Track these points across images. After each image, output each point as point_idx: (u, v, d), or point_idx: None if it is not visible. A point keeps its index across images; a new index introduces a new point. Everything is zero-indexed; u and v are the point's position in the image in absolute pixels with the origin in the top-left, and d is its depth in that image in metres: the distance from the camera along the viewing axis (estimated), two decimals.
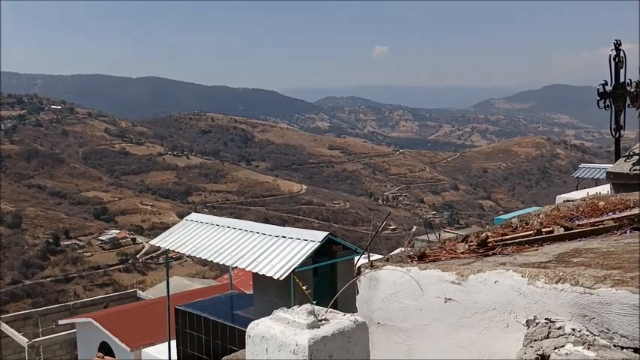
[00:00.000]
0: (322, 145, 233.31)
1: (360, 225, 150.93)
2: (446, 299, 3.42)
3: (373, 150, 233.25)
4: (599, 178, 27.38)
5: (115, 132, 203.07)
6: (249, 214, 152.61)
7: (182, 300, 16.61)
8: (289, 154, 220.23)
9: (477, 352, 3.30)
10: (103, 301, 29.00)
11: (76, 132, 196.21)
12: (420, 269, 3.63)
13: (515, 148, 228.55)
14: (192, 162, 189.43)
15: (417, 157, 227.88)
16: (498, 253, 3.99)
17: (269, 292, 12.60)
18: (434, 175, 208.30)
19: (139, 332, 18.82)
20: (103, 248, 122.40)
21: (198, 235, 14.34)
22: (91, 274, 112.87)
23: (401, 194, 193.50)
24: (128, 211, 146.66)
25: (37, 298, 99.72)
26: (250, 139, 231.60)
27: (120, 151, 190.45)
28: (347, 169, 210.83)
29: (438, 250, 4.34)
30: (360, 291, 3.98)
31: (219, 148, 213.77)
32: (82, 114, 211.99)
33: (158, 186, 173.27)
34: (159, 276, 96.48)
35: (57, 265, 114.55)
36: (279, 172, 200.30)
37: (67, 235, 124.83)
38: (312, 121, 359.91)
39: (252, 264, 12.28)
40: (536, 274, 3.10)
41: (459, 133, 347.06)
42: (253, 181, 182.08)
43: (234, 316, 14.27)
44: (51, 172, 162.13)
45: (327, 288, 12.55)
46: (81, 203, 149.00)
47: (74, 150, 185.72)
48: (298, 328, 2.82)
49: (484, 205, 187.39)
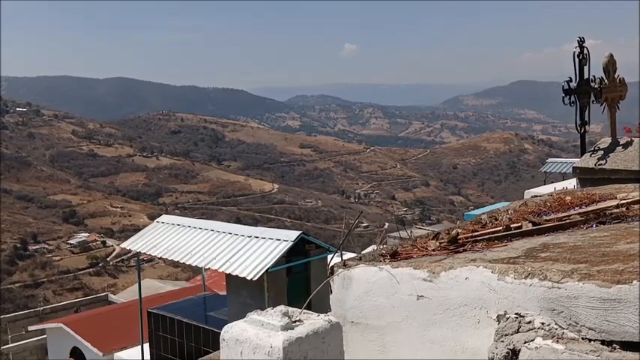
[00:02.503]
0: (293, 143, 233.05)
1: (332, 223, 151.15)
2: (418, 296, 3.46)
3: (344, 148, 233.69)
4: (566, 172, 27.89)
5: (83, 134, 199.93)
6: (221, 215, 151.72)
7: (154, 303, 16.46)
8: (260, 154, 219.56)
9: (449, 348, 3.35)
10: (74, 306, 28.57)
11: (43, 134, 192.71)
12: (392, 267, 3.66)
13: (484, 144, 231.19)
14: (162, 163, 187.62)
15: (388, 155, 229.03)
16: (469, 250, 4.05)
17: (242, 292, 12.57)
18: (405, 172, 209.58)
19: (111, 336, 18.60)
20: (72, 252, 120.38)
21: (170, 237, 14.22)
22: (61, 279, 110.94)
23: (372, 191, 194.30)
24: (98, 214, 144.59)
25: (6, 304, 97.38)
26: (221, 138, 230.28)
27: (88, 152, 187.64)
28: (318, 168, 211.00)
29: (410, 247, 4.38)
30: (333, 290, 4.00)
31: (189, 149, 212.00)
32: (49, 116, 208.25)
33: (128, 188, 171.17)
34: (130, 279, 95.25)
35: (25, 270, 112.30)
36: (250, 171, 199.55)
37: (35, 239, 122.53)
38: (283, 120, 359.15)
39: (225, 265, 12.23)
40: (506, 270, 3.15)
41: (428, 129, 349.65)
42: (225, 180, 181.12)
43: (207, 317, 14.19)
44: (17, 176, 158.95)
45: (301, 287, 12.57)
46: (49, 207, 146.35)
47: (41, 153, 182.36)
48: (272, 330, 2.83)
49: (455, 200, 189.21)
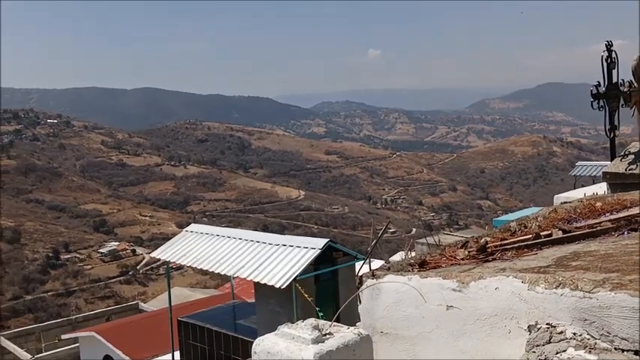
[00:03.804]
0: (319, 150, 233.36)
1: (359, 229, 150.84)
2: (448, 307, 3.45)
3: (370, 153, 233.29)
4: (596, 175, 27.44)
5: (112, 144, 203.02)
6: (249, 222, 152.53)
7: (184, 311, 16.60)
8: (286, 161, 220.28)
9: (480, 359, 3.33)
10: (105, 314, 28.96)
11: (73, 145, 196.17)
12: (421, 277, 3.67)
13: (512, 148, 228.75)
14: (189, 171, 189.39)
15: (414, 160, 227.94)
16: (498, 259, 4.03)
17: (271, 301, 12.61)
18: (431, 177, 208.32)
19: (142, 344, 18.81)
20: (103, 261, 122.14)
21: (199, 246, 14.35)
22: (92, 287, 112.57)
23: (399, 197, 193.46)
24: (127, 223, 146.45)
25: (39, 313, 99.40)
26: (247, 146, 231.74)
27: (117, 162, 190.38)
28: (344, 174, 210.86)
29: (439, 256, 4.38)
30: (362, 300, 4.01)
31: (216, 157, 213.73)
32: (79, 127, 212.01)
33: (156, 196, 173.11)
34: (160, 287, 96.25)
35: (57, 279, 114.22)
36: (276, 178, 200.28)
37: (66, 248, 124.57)
38: (308, 127, 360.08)
39: (254, 273, 12.29)
40: (536, 280, 3.13)
41: (455, 134, 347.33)
42: (251, 188, 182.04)
43: (236, 325, 14.27)
44: (49, 186, 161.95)
45: (329, 295, 12.57)
46: (80, 216, 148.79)
47: (71, 163, 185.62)
48: (303, 344, 2.85)
49: (482, 205, 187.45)
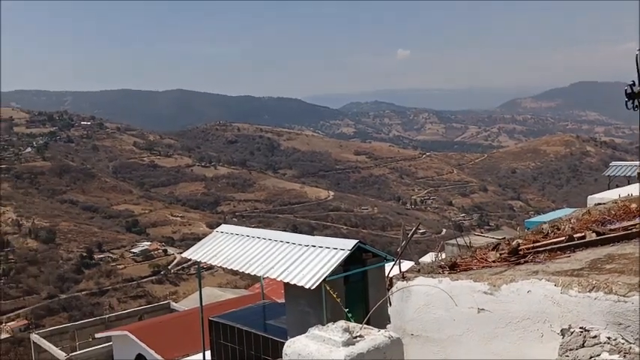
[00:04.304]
0: (348, 150, 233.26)
1: (389, 230, 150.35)
2: (479, 309, 3.43)
3: (399, 154, 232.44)
4: (631, 175, 26.91)
5: (144, 145, 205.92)
6: (278, 222, 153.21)
7: (215, 311, 16.73)
8: (315, 161, 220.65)
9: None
10: (138, 314, 29.33)
11: (106, 146, 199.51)
12: (451, 280, 3.65)
13: (544, 147, 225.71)
14: (220, 172, 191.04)
15: (444, 160, 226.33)
16: (530, 261, 3.99)
17: (301, 301, 12.64)
18: (462, 177, 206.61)
19: (174, 344, 19.02)
20: (135, 260, 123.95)
21: (229, 247, 14.46)
22: (125, 287, 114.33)
23: (429, 197, 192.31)
24: (159, 223, 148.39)
25: (73, 311, 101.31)
26: (276, 147, 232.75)
27: (149, 163, 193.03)
28: (374, 174, 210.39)
29: (469, 259, 4.35)
30: (392, 302, 4.00)
31: (246, 158, 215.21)
32: (111, 129, 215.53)
33: (187, 197, 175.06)
34: (191, 287, 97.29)
35: (91, 278, 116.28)
36: (306, 179, 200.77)
37: (100, 248, 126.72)
38: (337, 127, 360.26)
39: (283, 274, 12.34)
40: (570, 283, 3.10)
41: (485, 134, 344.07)
42: (281, 189, 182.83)
43: (266, 326, 14.34)
44: (83, 187, 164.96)
45: (359, 296, 12.56)
46: (113, 217, 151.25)
47: (104, 164, 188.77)
48: (334, 346, 2.86)
49: (514, 205, 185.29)
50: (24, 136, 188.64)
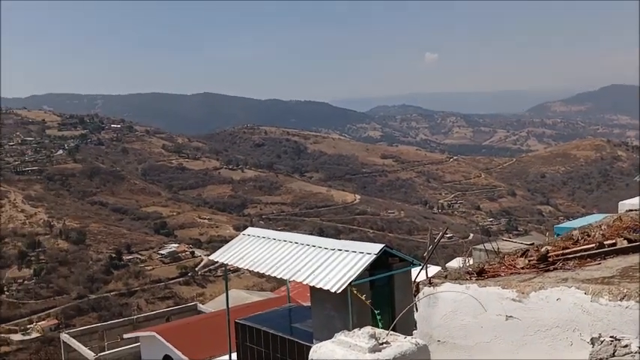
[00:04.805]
0: (375, 154, 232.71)
1: (415, 234, 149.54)
2: (507, 317, 3.40)
3: (426, 158, 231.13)
4: None
5: (172, 148, 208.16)
6: (304, 225, 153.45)
7: (241, 313, 16.81)
8: (342, 165, 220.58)
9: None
10: (165, 315, 29.62)
11: (135, 149, 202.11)
12: (479, 286, 3.62)
13: (574, 152, 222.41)
14: (247, 175, 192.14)
15: (472, 164, 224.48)
16: (560, 268, 3.94)
17: (327, 305, 12.63)
18: (490, 182, 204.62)
19: (201, 345, 19.16)
20: (163, 262, 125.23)
21: (256, 250, 14.52)
22: (153, 288, 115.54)
23: (456, 201, 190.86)
24: (186, 225, 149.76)
25: (102, 311, 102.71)
26: (303, 150, 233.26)
27: (177, 166, 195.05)
28: (400, 178, 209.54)
29: (498, 265, 4.31)
30: (419, 308, 3.98)
31: (273, 161, 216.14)
32: (141, 131, 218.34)
33: (215, 199, 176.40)
34: (218, 289, 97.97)
35: (120, 279, 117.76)
36: (332, 182, 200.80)
37: (129, 249, 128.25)
38: (364, 131, 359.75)
39: (309, 277, 12.34)
40: (600, 291, 3.05)
41: (514, 137, 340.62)
42: (307, 192, 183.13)
43: (292, 329, 14.35)
44: (112, 189, 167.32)
45: (385, 301, 12.50)
46: (141, 218, 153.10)
47: (134, 167, 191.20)
48: (360, 352, 2.85)
49: (543, 210, 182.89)
50: (56, 138, 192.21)
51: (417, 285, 4.09)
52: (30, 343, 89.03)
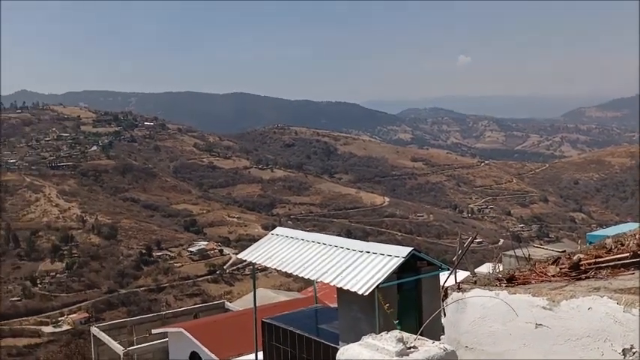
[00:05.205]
0: (405, 156, 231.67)
1: (444, 238, 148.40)
2: (537, 325, 3.36)
3: (457, 161, 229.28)
4: None
5: (204, 146, 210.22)
6: (333, 227, 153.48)
7: (268, 312, 16.87)
8: (372, 167, 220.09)
9: None
10: (193, 312, 29.88)
11: (167, 147, 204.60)
12: (509, 293, 3.59)
13: (609, 158, 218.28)
14: (276, 175, 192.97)
15: (504, 169, 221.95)
16: (592, 277, 3.88)
17: (353, 307, 12.62)
18: (521, 187, 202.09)
19: (227, 343, 19.27)
20: (192, 259, 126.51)
21: (284, 249, 14.56)
22: (181, 284, 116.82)
23: (486, 206, 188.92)
24: (216, 223, 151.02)
25: (131, 306, 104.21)
26: (333, 151, 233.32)
27: (208, 164, 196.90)
28: (430, 181, 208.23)
29: (528, 272, 4.26)
30: (447, 313, 3.97)
31: (302, 161, 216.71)
32: (173, 130, 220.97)
33: (244, 198, 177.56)
34: (245, 287, 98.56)
35: (150, 275, 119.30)
36: (361, 184, 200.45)
37: (158, 246, 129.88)
38: (395, 133, 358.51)
39: (337, 279, 12.33)
40: (633, 301, 3.00)
41: (547, 143, 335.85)
42: (336, 193, 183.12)
43: (319, 330, 14.36)
44: (144, 186, 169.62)
45: (412, 304, 12.44)
46: (172, 215, 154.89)
47: (165, 164, 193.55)
48: (387, 356, 2.85)
49: (575, 217, 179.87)
50: (90, 134, 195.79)
51: (446, 290, 4.07)
52: (61, 335, 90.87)
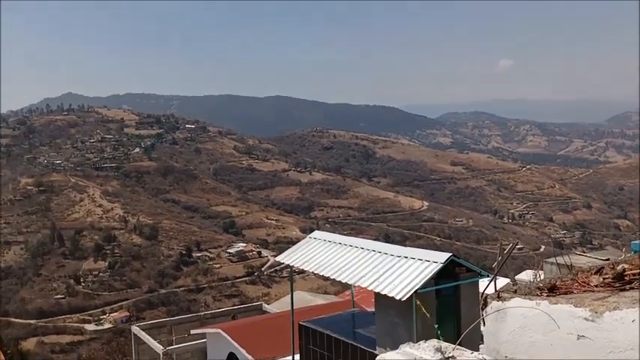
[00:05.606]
0: (444, 161, 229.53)
1: (484, 243, 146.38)
2: (578, 336, 3.30)
3: (498, 166, 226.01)
4: None
5: (243, 149, 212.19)
6: (370, 230, 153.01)
7: (305, 315, 16.90)
8: (410, 171, 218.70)
9: None
10: (231, 313, 30.12)
11: (208, 149, 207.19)
12: (550, 303, 3.53)
13: None
14: (315, 178, 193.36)
15: (546, 174, 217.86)
16: (636, 288, 3.79)
17: (391, 312, 12.55)
18: (564, 193, 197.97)
19: (264, 345, 19.37)
20: (230, 261, 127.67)
21: (321, 253, 14.57)
22: (220, 286, 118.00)
23: (528, 212, 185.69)
24: (254, 225, 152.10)
25: (171, 306, 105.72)
26: (371, 155, 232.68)
27: (247, 167, 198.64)
28: (470, 186, 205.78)
29: (570, 281, 4.18)
30: (486, 322, 3.92)
31: (341, 164, 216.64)
32: (213, 132, 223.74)
33: (282, 201, 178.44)
34: (282, 289, 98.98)
35: (189, 275, 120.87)
36: (400, 188, 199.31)
37: (198, 247, 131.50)
38: (434, 137, 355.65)
39: (374, 283, 12.28)
40: None
41: (591, 148, 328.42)
42: (374, 197, 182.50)
43: (356, 334, 14.33)
44: (185, 187, 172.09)
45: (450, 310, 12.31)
46: (211, 217, 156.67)
47: (206, 166, 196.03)
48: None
49: (620, 224, 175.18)
50: (133, 137, 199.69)
51: (485, 298, 4.03)
52: (102, 333, 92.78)
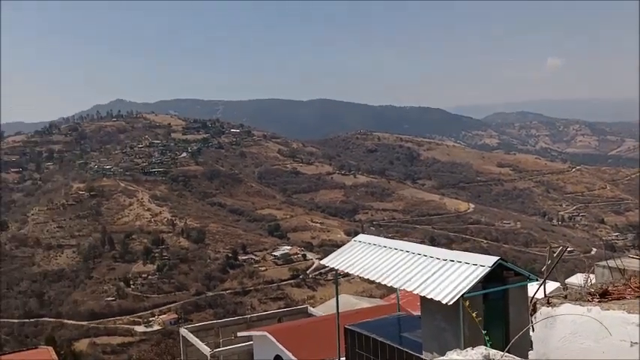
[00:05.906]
0: (490, 162, 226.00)
1: (532, 246, 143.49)
2: (632, 343, 3.22)
3: (546, 167, 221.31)
4: None
5: (287, 152, 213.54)
6: (415, 233, 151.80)
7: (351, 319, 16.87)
8: (456, 172, 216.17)
9: None
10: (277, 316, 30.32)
11: (253, 153, 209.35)
12: (602, 309, 3.45)
13: None
14: (359, 180, 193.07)
15: (596, 174, 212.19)
16: None
17: (437, 316, 12.42)
18: (616, 194, 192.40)
19: (310, 348, 19.41)
20: (276, 263, 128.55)
21: (366, 256, 14.54)
22: (266, 288, 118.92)
23: (578, 214, 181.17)
24: (299, 228, 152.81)
25: (218, 308, 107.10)
26: (416, 157, 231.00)
27: (291, 170, 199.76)
28: (517, 187, 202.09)
29: (623, 287, 4.08)
30: (536, 328, 3.86)
31: (385, 167, 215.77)
32: (258, 136, 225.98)
33: (327, 204, 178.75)
34: (327, 292, 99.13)
35: (235, 278, 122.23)
36: (445, 190, 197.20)
37: (244, 250, 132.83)
38: (480, 138, 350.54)
39: (420, 287, 12.18)
40: None
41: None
42: (419, 199, 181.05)
43: (402, 338, 14.24)
44: (230, 191, 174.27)
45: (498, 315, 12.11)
46: (256, 220, 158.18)
47: (251, 170, 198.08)
48: None
49: None
50: (180, 141, 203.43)
51: (534, 304, 3.96)
52: (152, 335, 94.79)
